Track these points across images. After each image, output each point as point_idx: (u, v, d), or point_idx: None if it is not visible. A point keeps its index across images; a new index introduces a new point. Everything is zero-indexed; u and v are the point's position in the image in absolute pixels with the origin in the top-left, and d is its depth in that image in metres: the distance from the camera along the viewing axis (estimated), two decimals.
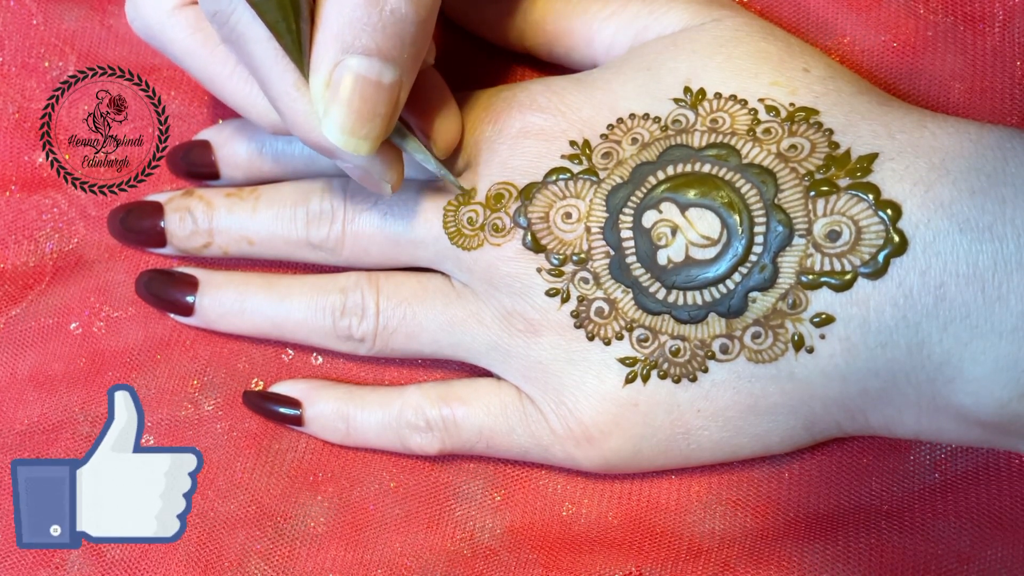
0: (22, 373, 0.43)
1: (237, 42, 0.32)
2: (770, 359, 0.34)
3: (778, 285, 0.33)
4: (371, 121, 0.31)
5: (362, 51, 0.30)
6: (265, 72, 0.32)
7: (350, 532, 0.41)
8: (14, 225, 0.44)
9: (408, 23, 0.30)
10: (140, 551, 0.40)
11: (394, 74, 0.31)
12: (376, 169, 0.34)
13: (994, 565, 0.35)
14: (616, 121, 0.36)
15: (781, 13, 0.40)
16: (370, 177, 0.35)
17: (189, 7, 0.36)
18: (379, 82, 0.31)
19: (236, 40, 0.32)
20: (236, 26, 0.32)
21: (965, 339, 0.30)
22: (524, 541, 0.40)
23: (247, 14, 0.31)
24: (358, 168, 0.34)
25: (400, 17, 0.30)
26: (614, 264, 0.35)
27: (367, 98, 0.31)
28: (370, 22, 0.30)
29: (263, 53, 0.32)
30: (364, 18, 0.30)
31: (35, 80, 0.45)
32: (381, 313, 0.39)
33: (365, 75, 0.30)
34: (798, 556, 0.37)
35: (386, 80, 0.31)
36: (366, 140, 0.32)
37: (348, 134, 0.31)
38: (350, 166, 0.34)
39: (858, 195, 0.32)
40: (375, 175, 0.35)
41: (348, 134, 0.31)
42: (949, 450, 0.37)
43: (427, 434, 0.39)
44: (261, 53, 0.32)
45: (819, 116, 0.34)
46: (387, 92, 0.31)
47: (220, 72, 0.36)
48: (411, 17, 0.30)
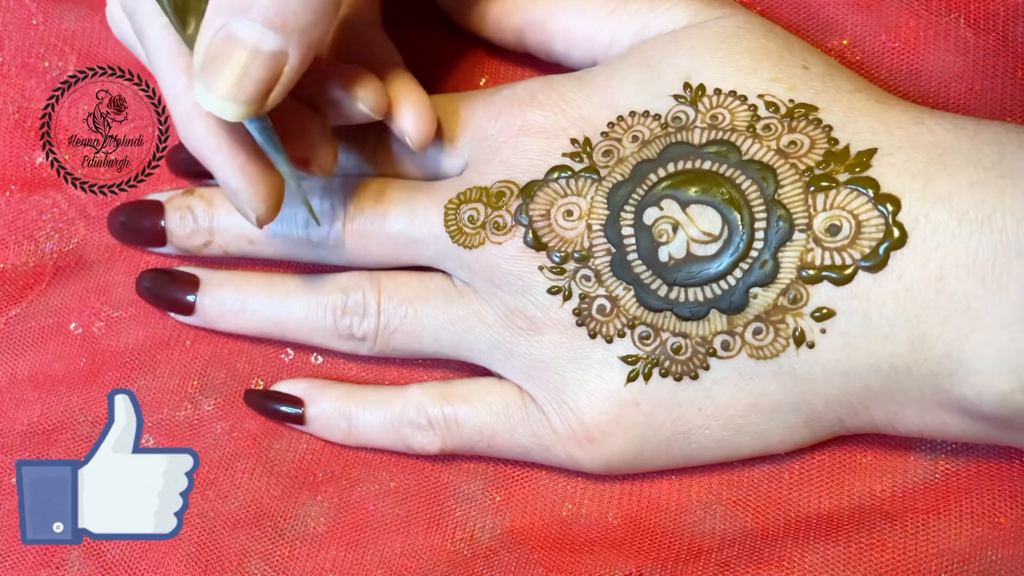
0: (22, 373, 0.43)
1: (141, 38, 0.33)
2: (771, 355, 0.34)
3: (779, 280, 0.33)
4: (240, 83, 0.30)
5: (244, 15, 0.30)
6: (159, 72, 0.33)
7: (350, 532, 0.40)
8: (14, 225, 0.44)
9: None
10: (140, 551, 0.40)
11: (276, 42, 0.30)
12: (244, 193, 0.34)
13: (994, 565, 0.35)
14: (616, 119, 0.37)
15: (782, 13, 0.40)
16: (237, 199, 0.34)
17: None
18: (256, 47, 0.30)
19: (141, 38, 0.33)
20: (140, 23, 0.32)
21: (966, 331, 0.30)
22: (524, 541, 0.40)
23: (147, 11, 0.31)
24: (228, 188, 0.34)
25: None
26: (615, 261, 0.35)
27: (242, 61, 0.30)
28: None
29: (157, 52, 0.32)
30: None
31: (35, 80, 0.45)
32: (382, 312, 0.39)
33: (243, 38, 0.30)
34: (798, 556, 0.37)
35: (266, 47, 0.30)
36: (232, 103, 0.30)
37: (213, 93, 0.30)
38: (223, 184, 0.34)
39: (858, 189, 0.32)
40: (242, 199, 0.34)
41: (213, 93, 0.30)
42: (950, 450, 0.37)
43: (429, 433, 0.39)
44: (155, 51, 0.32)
45: (818, 112, 0.34)
46: (264, 59, 0.30)
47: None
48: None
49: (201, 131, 0.33)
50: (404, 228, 0.39)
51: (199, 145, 0.33)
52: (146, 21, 0.32)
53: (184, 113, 0.33)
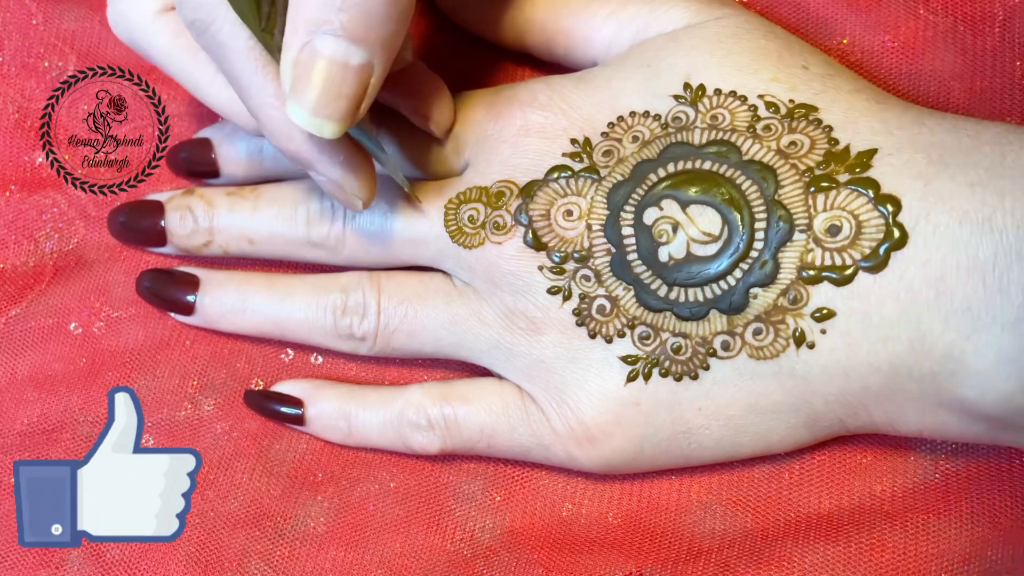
0: (22, 373, 0.43)
1: (216, 52, 0.33)
2: (771, 355, 0.34)
3: (779, 281, 0.33)
4: (335, 101, 0.30)
5: (329, 31, 0.30)
6: (245, 83, 0.33)
7: (350, 532, 0.40)
8: (14, 225, 0.44)
9: (377, 4, 0.30)
10: (140, 551, 0.40)
11: (362, 55, 0.30)
12: (349, 184, 0.34)
13: (994, 565, 0.35)
14: (617, 119, 0.37)
15: (781, 13, 0.40)
16: (343, 191, 0.35)
17: (170, 12, 0.36)
18: (346, 62, 0.30)
19: (215, 50, 0.33)
20: (216, 35, 0.32)
21: (967, 332, 0.30)
22: (524, 541, 0.40)
23: (227, 25, 0.31)
24: (331, 182, 0.34)
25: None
26: (615, 261, 0.35)
27: (332, 78, 0.30)
28: (337, 3, 0.29)
29: (243, 63, 0.32)
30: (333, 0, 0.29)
31: (35, 80, 0.45)
32: (382, 312, 0.39)
33: (331, 55, 0.30)
34: (798, 556, 0.37)
35: (353, 61, 0.30)
36: (330, 120, 0.31)
37: (311, 113, 0.30)
38: (324, 179, 0.34)
39: (858, 190, 0.32)
40: (348, 189, 0.35)
41: (311, 113, 0.30)
42: (950, 450, 0.37)
43: (428, 433, 0.39)
44: (240, 64, 0.32)
45: (818, 113, 0.34)
46: (354, 73, 0.30)
47: (202, 77, 0.36)
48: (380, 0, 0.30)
49: (300, 137, 0.33)
50: (404, 228, 0.39)
51: (300, 150, 0.33)
52: (227, 34, 0.32)
53: (280, 121, 0.32)
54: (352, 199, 0.35)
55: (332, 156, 0.33)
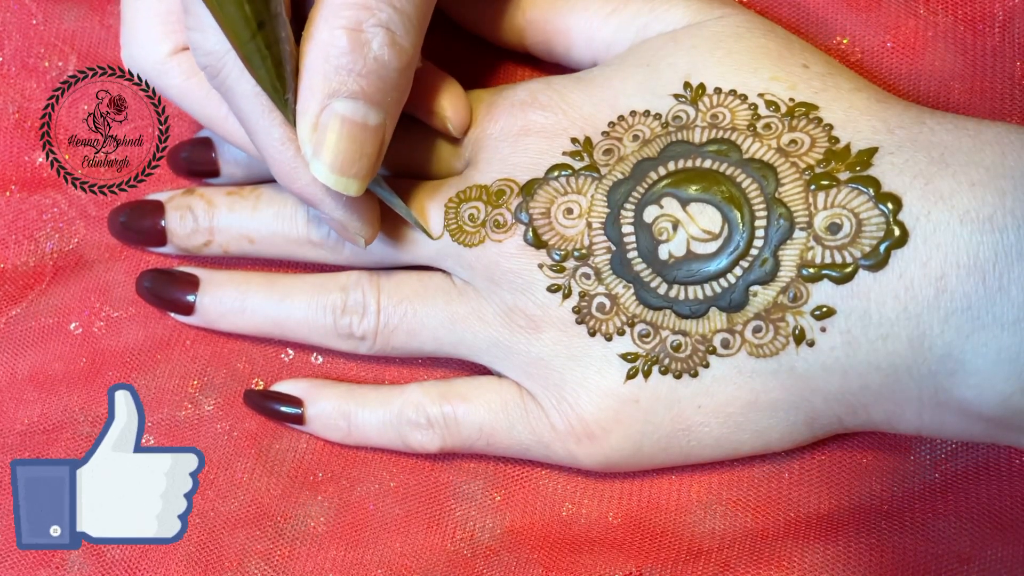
0: (22, 373, 0.43)
1: (227, 95, 0.34)
2: (771, 353, 0.34)
3: (779, 278, 0.33)
4: (359, 161, 0.32)
5: (348, 95, 0.31)
6: (252, 125, 0.34)
7: (350, 532, 0.40)
8: (14, 225, 0.44)
9: (391, 69, 0.32)
10: (140, 551, 0.40)
11: (379, 116, 0.32)
12: (353, 224, 0.36)
13: (994, 565, 0.35)
14: (617, 118, 0.37)
15: (781, 13, 0.40)
16: (346, 231, 0.36)
17: (183, 53, 0.37)
18: (365, 124, 0.32)
19: (226, 93, 0.34)
20: (225, 80, 0.33)
21: (967, 331, 0.30)
22: (524, 541, 0.40)
23: (235, 70, 0.32)
24: (336, 221, 0.36)
25: (383, 63, 0.32)
26: (615, 259, 0.35)
27: (354, 139, 0.32)
28: (355, 68, 0.31)
29: (250, 108, 0.33)
30: (349, 64, 0.31)
31: (35, 80, 0.45)
32: (382, 311, 0.39)
33: (352, 117, 0.32)
34: (798, 556, 0.37)
35: (372, 122, 0.32)
36: (354, 179, 0.33)
37: (337, 173, 0.32)
38: (329, 217, 0.35)
39: (858, 188, 0.32)
40: (352, 229, 0.36)
41: (337, 173, 0.32)
42: (949, 449, 0.37)
43: (428, 432, 0.39)
44: (248, 107, 0.33)
45: (819, 111, 0.34)
46: (373, 133, 0.32)
47: (215, 114, 0.37)
48: (393, 64, 0.32)
49: (306, 178, 0.34)
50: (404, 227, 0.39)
51: (306, 191, 0.34)
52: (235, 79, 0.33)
53: (287, 163, 0.34)
54: (355, 237, 0.36)
55: (336, 197, 0.34)
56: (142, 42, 0.37)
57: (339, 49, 0.31)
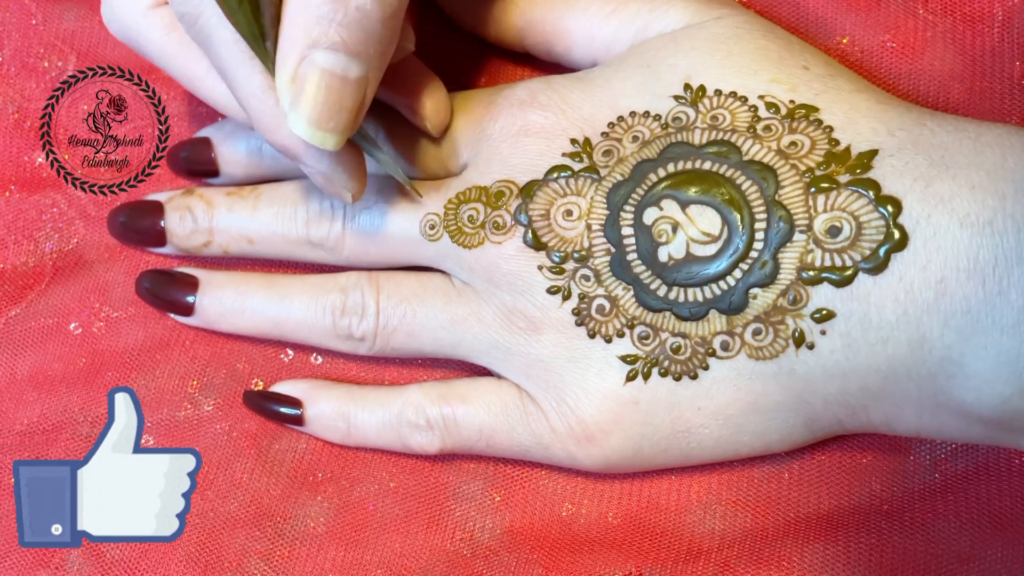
0: (22, 373, 0.43)
1: (205, 44, 0.33)
2: (771, 356, 0.34)
3: (779, 281, 0.33)
4: (337, 114, 0.31)
5: (328, 46, 0.30)
6: (232, 73, 0.33)
7: (350, 532, 0.41)
8: (14, 225, 0.44)
9: (374, 20, 0.31)
10: (140, 551, 0.40)
11: (360, 69, 0.31)
12: (338, 177, 0.35)
13: (994, 565, 0.35)
14: (617, 119, 0.37)
15: (780, 13, 0.40)
16: (332, 184, 0.35)
17: (163, 7, 0.36)
18: (345, 76, 0.31)
19: (204, 42, 0.33)
20: (204, 28, 0.32)
21: (966, 334, 0.30)
22: (524, 541, 0.40)
23: (214, 17, 0.32)
24: (320, 174, 0.35)
25: (366, 14, 0.30)
26: (615, 261, 0.35)
27: (333, 91, 0.31)
28: (336, 18, 0.30)
29: (230, 55, 0.32)
30: (330, 14, 0.30)
31: (35, 80, 0.45)
32: (381, 312, 0.39)
33: (331, 69, 0.30)
34: (798, 556, 0.37)
35: (352, 75, 0.31)
36: (332, 133, 0.31)
37: (314, 127, 0.31)
38: (313, 171, 0.34)
39: (858, 191, 0.32)
40: (337, 182, 0.35)
41: (314, 127, 0.31)
42: (949, 450, 0.37)
43: (427, 433, 0.39)
44: (228, 55, 0.32)
45: (819, 113, 0.34)
46: (353, 86, 0.31)
47: (196, 71, 0.36)
48: (376, 14, 0.31)
49: (288, 130, 0.33)
50: (404, 228, 0.39)
51: (288, 142, 0.33)
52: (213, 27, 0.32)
53: (268, 113, 0.33)
54: (341, 191, 0.35)
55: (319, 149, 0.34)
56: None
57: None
